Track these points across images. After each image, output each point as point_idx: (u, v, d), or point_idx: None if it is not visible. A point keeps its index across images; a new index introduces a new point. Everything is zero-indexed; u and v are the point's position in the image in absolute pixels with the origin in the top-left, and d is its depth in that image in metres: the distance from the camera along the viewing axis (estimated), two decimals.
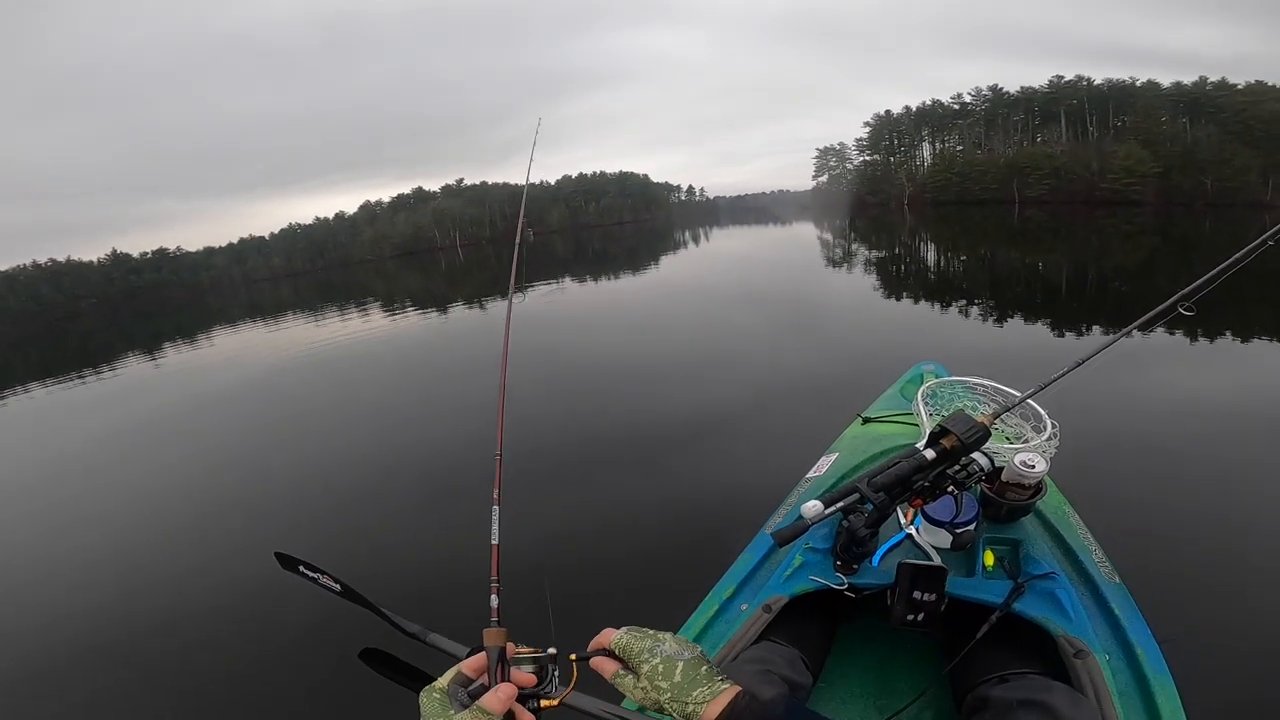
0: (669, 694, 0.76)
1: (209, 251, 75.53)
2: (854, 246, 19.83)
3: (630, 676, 0.80)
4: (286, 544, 2.35)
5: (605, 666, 0.83)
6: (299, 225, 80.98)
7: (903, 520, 1.53)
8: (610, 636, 0.84)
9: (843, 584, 1.35)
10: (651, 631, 0.83)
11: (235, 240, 78.02)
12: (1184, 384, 4.34)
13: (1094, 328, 6.19)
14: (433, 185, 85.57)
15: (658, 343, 7.61)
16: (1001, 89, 49.43)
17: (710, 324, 8.47)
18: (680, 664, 0.77)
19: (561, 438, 4.53)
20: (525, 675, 0.74)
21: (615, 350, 7.43)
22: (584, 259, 27.46)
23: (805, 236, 26.43)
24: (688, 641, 0.82)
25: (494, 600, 0.87)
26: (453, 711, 0.68)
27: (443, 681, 0.72)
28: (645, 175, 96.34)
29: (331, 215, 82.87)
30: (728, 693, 0.74)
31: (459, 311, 14.34)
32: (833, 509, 1.18)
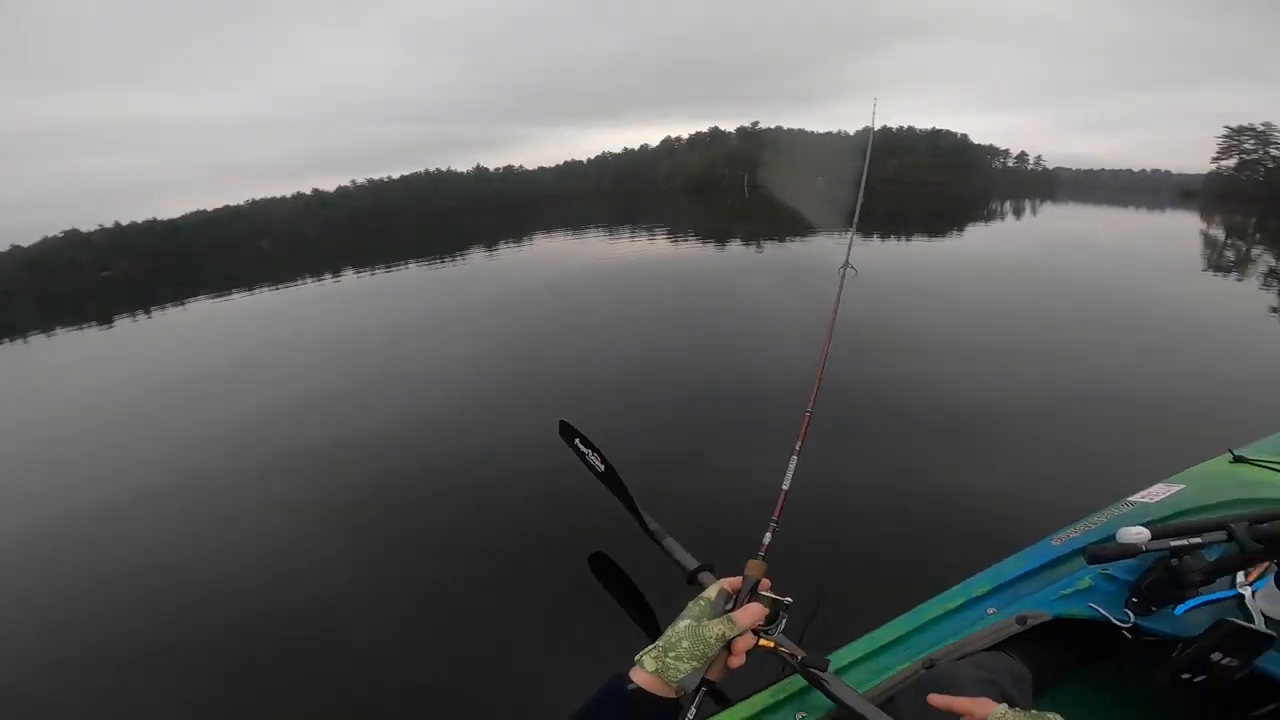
0: None
1: (541, 170, 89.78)
2: (1255, 250, 14.53)
3: None
4: (570, 416, 2.65)
5: None
6: (610, 154, 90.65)
7: (1241, 577, 1.31)
8: (988, 710, 0.88)
9: (1127, 622, 1.22)
10: (1035, 712, 0.85)
11: (561, 162, 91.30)
12: None
13: None
14: (728, 126, 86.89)
15: (961, 318, 6.87)
16: None
17: (1025, 309, 7.33)
18: None
19: (876, 400, 4.41)
20: (759, 609, 0.83)
21: (916, 320, 6.84)
22: (871, 218, 25.42)
23: (1182, 229, 20.16)
24: None
25: (767, 537, 0.99)
26: (708, 619, 0.79)
27: (710, 593, 0.84)
28: (964, 135, 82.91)
29: (637, 146, 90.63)
30: None
31: (737, 250, 14.72)
32: (1178, 542, 1.10)
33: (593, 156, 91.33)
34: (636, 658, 0.74)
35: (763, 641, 0.86)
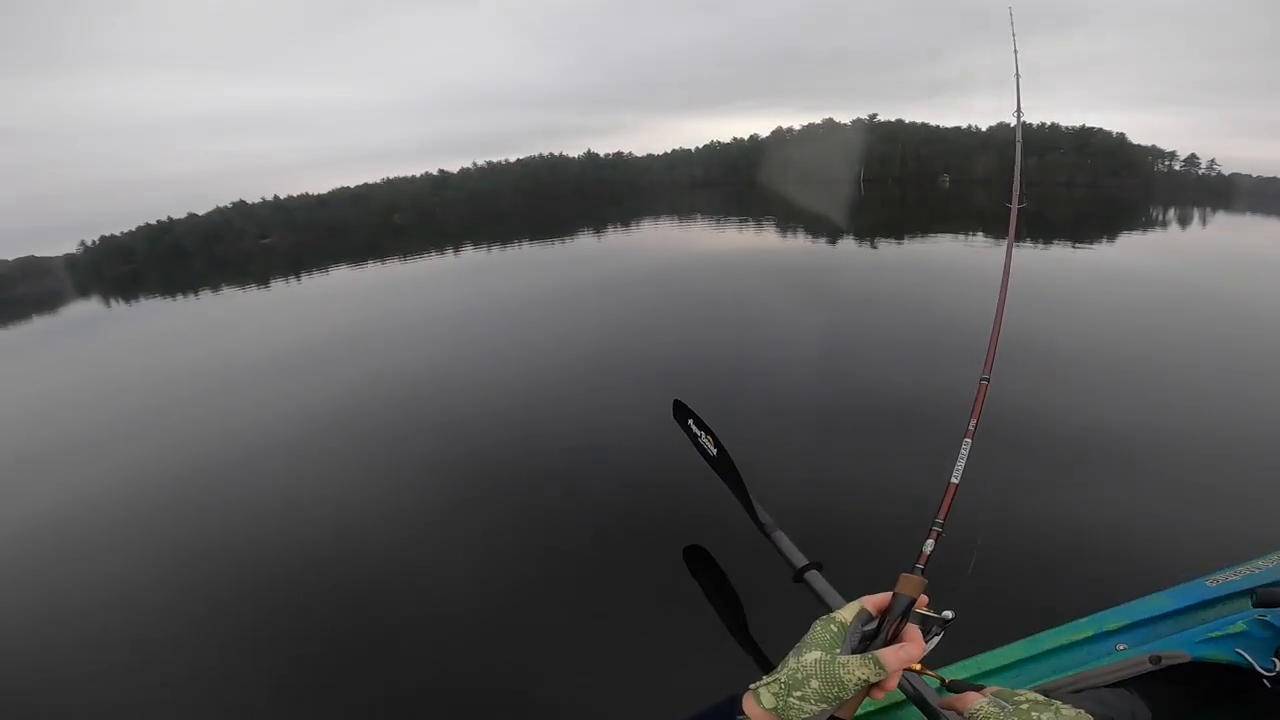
0: None
1: (650, 158, 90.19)
2: None
3: (998, 709, 0.74)
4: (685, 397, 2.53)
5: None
6: (718, 143, 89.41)
7: None
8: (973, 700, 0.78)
9: (1272, 670, 1.17)
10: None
11: (669, 150, 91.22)
12: None
13: None
14: (844, 117, 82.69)
15: (1118, 337, 6.11)
16: None
17: (1191, 331, 6.42)
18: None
19: (1028, 413, 4.02)
20: (915, 643, 0.66)
21: (1065, 333, 6.17)
22: (1003, 215, 23.17)
23: None
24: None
25: (929, 545, 0.79)
26: (839, 651, 0.63)
27: (845, 615, 0.67)
28: (1119, 134, 73.45)
29: (746, 136, 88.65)
30: None
31: (851, 247, 14.08)
32: None
33: (701, 145, 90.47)
34: (752, 687, 0.62)
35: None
